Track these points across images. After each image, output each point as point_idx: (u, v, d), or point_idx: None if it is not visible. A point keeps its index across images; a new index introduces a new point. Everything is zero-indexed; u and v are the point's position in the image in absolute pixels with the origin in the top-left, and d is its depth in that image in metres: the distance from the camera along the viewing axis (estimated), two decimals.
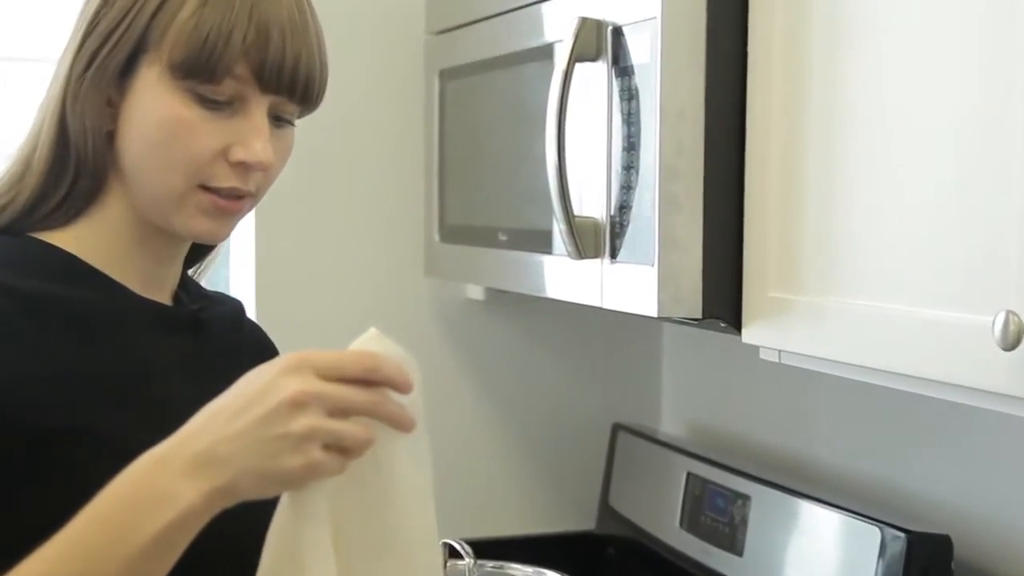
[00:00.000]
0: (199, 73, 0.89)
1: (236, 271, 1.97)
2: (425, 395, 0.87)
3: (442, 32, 1.84)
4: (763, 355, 1.29)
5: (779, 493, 1.58)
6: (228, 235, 0.98)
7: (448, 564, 1.52)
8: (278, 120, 0.95)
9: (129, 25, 0.90)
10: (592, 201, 1.38)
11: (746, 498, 1.63)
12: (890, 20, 1.09)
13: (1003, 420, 1.40)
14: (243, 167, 0.92)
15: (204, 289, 1.09)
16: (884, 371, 1.11)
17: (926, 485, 1.53)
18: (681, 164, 1.26)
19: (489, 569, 1.33)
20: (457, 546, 1.48)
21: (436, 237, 1.86)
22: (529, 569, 1.71)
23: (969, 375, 0.99)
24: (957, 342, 1.00)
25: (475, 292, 1.99)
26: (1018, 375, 0.94)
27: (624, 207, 1.33)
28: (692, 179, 1.27)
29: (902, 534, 1.38)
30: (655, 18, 1.26)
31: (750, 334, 1.28)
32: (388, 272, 1.95)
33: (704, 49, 1.26)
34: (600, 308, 1.42)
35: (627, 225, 1.33)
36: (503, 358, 2.04)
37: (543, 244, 1.50)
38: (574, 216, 1.38)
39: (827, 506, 1.50)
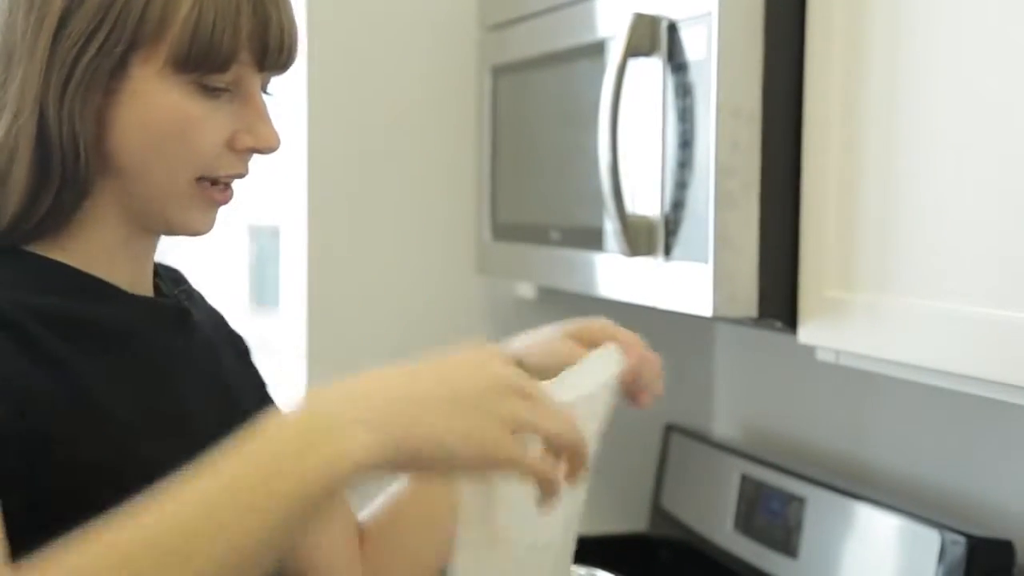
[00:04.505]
0: (207, 65, 0.86)
1: (288, 270, 1.98)
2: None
3: (494, 28, 1.85)
4: (820, 355, 1.29)
5: (835, 495, 1.57)
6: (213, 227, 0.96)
7: None
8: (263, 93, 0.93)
9: (115, 23, 0.84)
10: (646, 199, 1.38)
11: (801, 500, 1.62)
12: (953, 13, 1.08)
13: None
14: (248, 153, 0.91)
15: (161, 267, 1.05)
16: (946, 372, 1.10)
17: (988, 489, 1.51)
18: (737, 161, 1.26)
19: None
20: None
21: (488, 235, 1.86)
22: (582, 570, 1.71)
23: None
24: (1020, 344, 1.00)
25: (526, 291, 1.99)
26: None
27: (678, 205, 1.33)
28: (748, 176, 1.26)
29: (962, 539, 1.37)
30: (711, 13, 1.25)
31: (806, 334, 1.27)
32: (440, 270, 1.96)
33: (761, 45, 1.25)
34: (653, 308, 1.41)
35: (681, 223, 1.32)
36: None
37: (595, 242, 1.50)
38: (627, 214, 1.38)
39: (885, 509, 1.49)
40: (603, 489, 2.05)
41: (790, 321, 1.28)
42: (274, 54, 0.89)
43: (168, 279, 1.03)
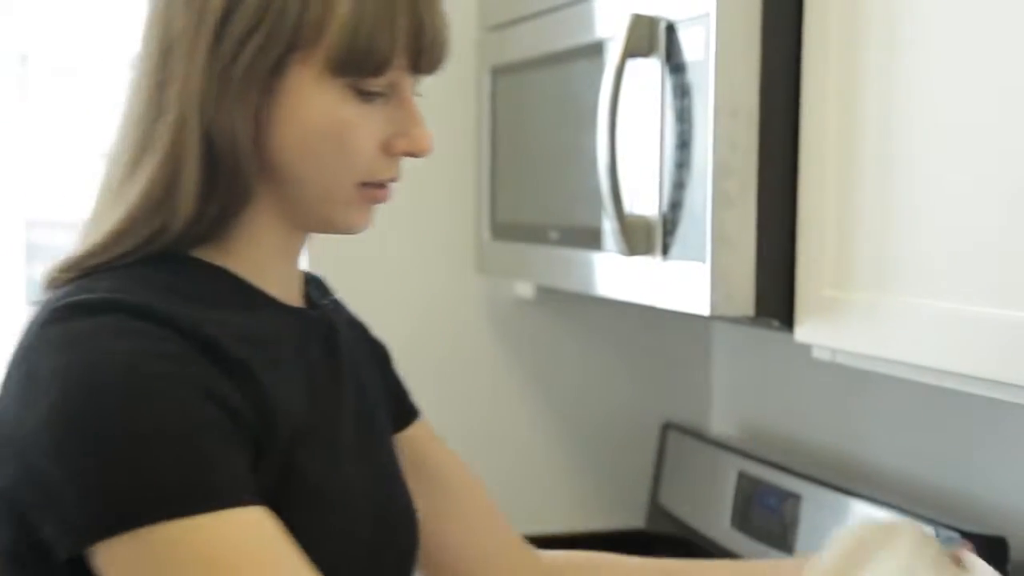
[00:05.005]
0: (364, 68, 0.84)
1: None
2: None
3: (494, 28, 1.85)
4: (816, 354, 1.29)
5: (831, 492, 1.58)
6: None
7: None
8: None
9: (274, 24, 0.82)
10: (644, 198, 1.38)
11: (797, 497, 1.63)
12: (948, 14, 1.08)
13: None
14: (403, 156, 0.90)
15: (308, 275, 1.03)
16: (942, 371, 1.10)
17: (982, 486, 1.52)
18: (734, 161, 1.26)
19: None
20: None
21: (487, 234, 1.86)
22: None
23: None
24: (1014, 342, 1.00)
25: (525, 290, 1.99)
26: None
27: (676, 204, 1.33)
28: (746, 176, 1.27)
29: (957, 535, 1.37)
30: (709, 14, 1.26)
31: (803, 332, 1.27)
32: (439, 270, 1.96)
33: (759, 46, 1.25)
34: (652, 307, 1.42)
35: (679, 223, 1.33)
36: (553, 356, 2.05)
37: (594, 241, 1.50)
38: (625, 213, 1.38)
39: (880, 505, 1.49)
40: (602, 486, 2.07)
41: (787, 320, 1.29)
42: (428, 57, 0.88)
43: (315, 287, 1.02)
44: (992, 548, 1.38)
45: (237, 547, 0.75)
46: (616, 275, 1.48)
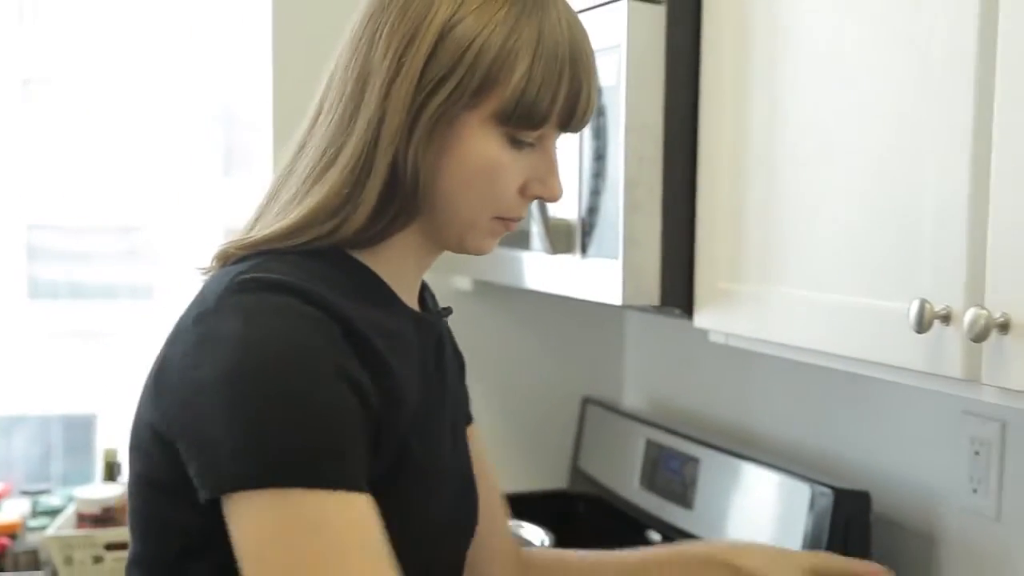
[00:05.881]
0: (525, 123, 0.85)
1: None
2: None
3: None
4: (712, 338, 1.30)
5: (724, 456, 1.59)
6: None
7: None
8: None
9: (465, 76, 0.83)
10: (565, 205, 1.38)
11: (696, 460, 1.64)
12: (820, 48, 1.10)
13: (913, 391, 1.42)
14: (535, 199, 0.90)
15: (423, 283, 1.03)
16: (815, 351, 1.12)
17: (848, 448, 1.55)
18: (642, 173, 1.27)
19: None
20: None
21: None
22: (510, 521, 1.72)
23: (888, 354, 1.01)
24: (878, 326, 1.02)
25: (463, 283, 1.99)
26: (929, 354, 0.96)
27: (593, 210, 1.34)
28: (652, 186, 1.27)
29: (829, 490, 1.39)
30: (621, 45, 1.26)
31: (701, 319, 1.29)
32: None
33: (663, 73, 1.27)
34: (572, 297, 1.43)
35: (595, 225, 1.33)
36: (488, 341, 2.05)
37: (523, 242, 1.51)
38: (549, 218, 1.39)
39: (765, 467, 1.51)
40: (530, 453, 2.07)
41: (687, 309, 1.30)
42: (579, 120, 0.88)
43: (429, 296, 1.02)
44: (858, 500, 1.40)
45: (350, 528, 0.75)
46: (542, 271, 1.48)
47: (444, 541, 0.91)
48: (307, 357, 0.76)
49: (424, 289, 0.99)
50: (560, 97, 0.85)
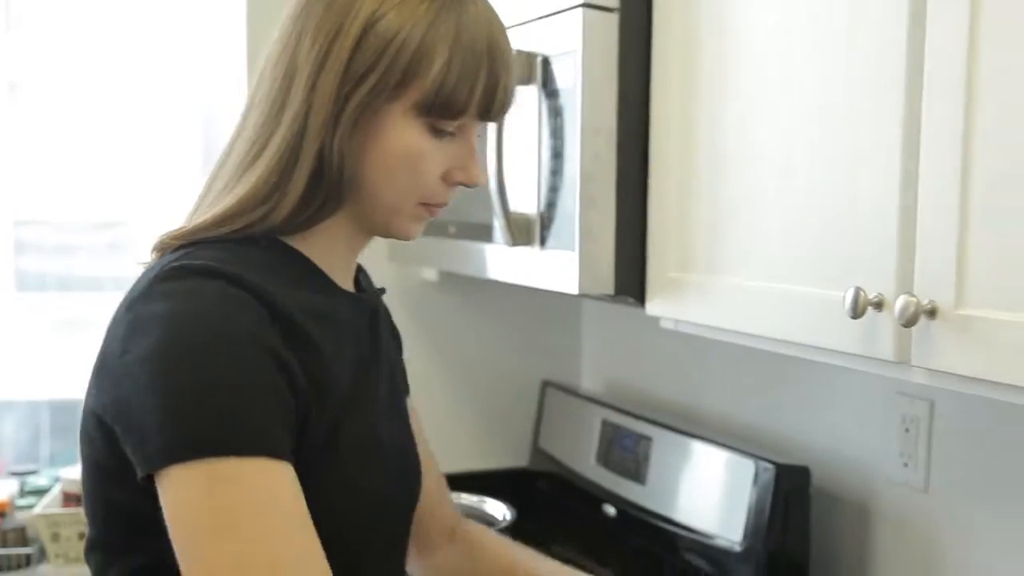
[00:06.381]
0: (444, 114, 0.84)
1: None
2: None
3: None
4: (663, 324, 1.30)
5: (675, 434, 1.60)
6: None
7: None
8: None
9: (386, 69, 0.82)
10: (525, 200, 1.38)
11: (648, 439, 1.64)
12: (762, 54, 1.10)
13: (849, 373, 1.43)
14: (457, 186, 0.89)
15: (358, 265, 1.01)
16: (759, 336, 1.12)
17: (790, 427, 1.55)
18: (597, 170, 1.27)
19: None
20: None
21: None
22: (475, 497, 1.71)
23: (825, 339, 1.01)
24: (816, 312, 1.02)
25: (430, 275, 1.98)
26: (863, 338, 0.96)
27: (551, 205, 1.33)
28: (606, 182, 1.27)
29: (771, 466, 1.40)
30: (577, 51, 1.26)
31: (652, 307, 1.29)
32: (360, 258, 1.93)
33: (616, 77, 1.26)
34: (532, 287, 1.42)
35: (553, 220, 1.33)
36: (453, 328, 2.04)
37: (485, 235, 1.50)
38: (510, 212, 1.38)
39: (712, 444, 1.52)
40: (493, 433, 2.07)
41: (640, 297, 1.30)
42: (497, 110, 0.87)
43: (364, 276, 1.00)
44: (798, 475, 1.41)
45: (271, 492, 0.74)
46: (503, 262, 1.48)
47: (385, 515, 0.89)
48: (230, 333, 0.75)
49: (359, 271, 0.98)
50: (478, 89, 0.84)
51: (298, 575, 0.72)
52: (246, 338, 0.76)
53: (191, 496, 0.72)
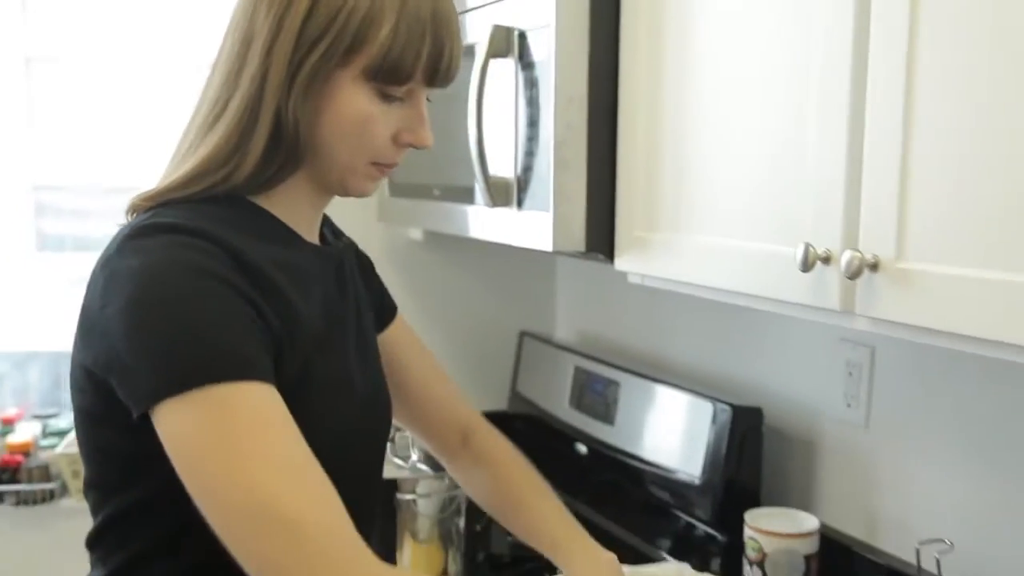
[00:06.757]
0: (392, 79, 0.82)
1: None
2: None
3: None
4: (630, 279, 1.30)
5: (641, 379, 1.60)
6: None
7: (397, 435, 1.52)
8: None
9: (336, 35, 0.81)
10: (504, 165, 1.37)
11: (617, 384, 1.65)
12: (723, 25, 1.08)
13: (799, 322, 1.43)
14: (407, 147, 0.88)
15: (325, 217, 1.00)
16: (718, 289, 1.12)
17: (745, 372, 1.56)
18: (570, 137, 1.26)
19: None
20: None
21: (387, 192, 1.83)
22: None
23: (778, 291, 1.01)
24: (769, 267, 1.02)
25: (416, 234, 1.97)
26: (812, 290, 0.96)
27: (527, 169, 1.32)
28: (578, 148, 1.26)
29: (727, 407, 1.41)
30: (551, 25, 1.24)
31: (621, 263, 1.28)
32: (350, 219, 1.89)
33: (588, 49, 1.25)
34: (510, 245, 1.41)
35: (530, 182, 1.32)
36: (438, 283, 2.03)
37: (467, 197, 1.49)
38: (490, 176, 1.37)
39: (675, 388, 1.52)
40: (475, 379, 2.07)
41: (609, 254, 1.29)
42: (442, 76, 0.86)
43: (329, 229, 0.99)
44: (752, 415, 1.42)
45: (261, 409, 0.73)
46: (484, 222, 1.47)
47: (355, 444, 0.89)
48: (202, 277, 0.75)
49: (324, 224, 0.97)
50: (423, 55, 0.83)
51: (301, 480, 0.72)
52: (218, 280, 0.75)
53: (187, 424, 0.72)
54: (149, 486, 0.79)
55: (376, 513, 0.95)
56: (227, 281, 0.76)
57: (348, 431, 0.87)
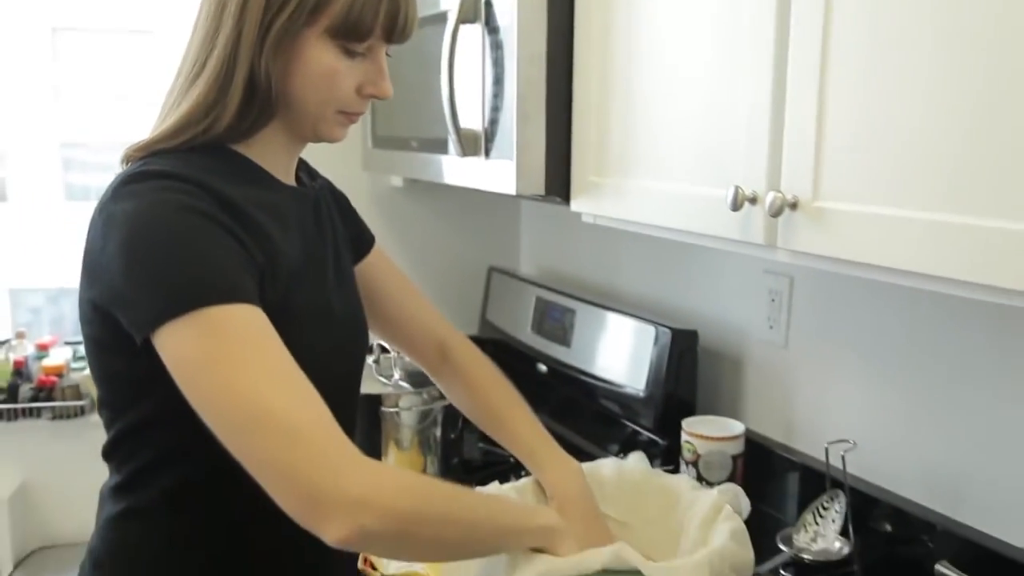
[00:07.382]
0: (353, 36, 0.80)
1: None
2: None
3: None
4: (584, 219, 1.28)
5: (593, 308, 1.60)
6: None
7: (380, 357, 1.50)
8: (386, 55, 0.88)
9: (300, 0, 0.79)
10: (473, 118, 1.33)
11: (573, 311, 1.64)
12: None
13: (729, 256, 1.43)
14: (370, 98, 0.85)
15: (302, 162, 0.98)
16: (660, 227, 1.11)
17: (683, 298, 1.56)
18: (531, 93, 1.22)
19: (407, 360, 1.33)
20: (389, 347, 1.46)
21: (370, 144, 1.79)
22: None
23: (711, 228, 1.00)
24: (704, 207, 1.00)
25: (396, 181, 1.94)
26: (740, 227, 0.95)
27: (493, 122, 1.29)
28: (538, 103, 1.23)
29: (668, 330, 1.41)
30: None
31: (576, 205, 1.26)
32: (338, 168, 1.86)
33: (546, 14, 1.21)
34: (479, 190, 1.39)
35: (496, 134, 1.29)
36: (416, 225, 2.00)
37: (441, 148, 1.46)
38: (461, 129, 1.34)
39: (623, 314, 1.52)
40: (449, 309, 2.06)
41: (566, 197, 1.27)
42: (399, 33, 0.83)
43: (305, 171, 0.97)
44: (688, 337, 1.42)
45: (252, 326, 0.72)
46: (456, 169, 1.44)
47: (336, 360, 0.88)
48: (187, 215, 0.74)
49: (300, 168, 0.95)
50: (381, 14, 0.81)
51: (291, 386, 0.71)
52: (204, 217, 0.74)
53: (185, 344, 0.71)
54: (153, 405, 0.78)
55: (356, 419, 0.94)
56: (213, 218, 0.74)
57: (329, 349, 0.86)
